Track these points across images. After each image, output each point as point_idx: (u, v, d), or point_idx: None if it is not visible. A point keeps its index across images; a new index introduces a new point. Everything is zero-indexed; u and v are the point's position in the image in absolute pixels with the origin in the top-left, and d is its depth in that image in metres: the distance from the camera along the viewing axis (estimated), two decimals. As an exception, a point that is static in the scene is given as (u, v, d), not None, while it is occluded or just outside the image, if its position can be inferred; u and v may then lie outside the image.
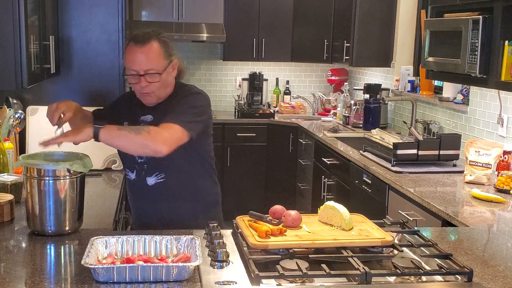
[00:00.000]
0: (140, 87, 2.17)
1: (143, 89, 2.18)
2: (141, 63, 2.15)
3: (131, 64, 2.17)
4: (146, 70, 2.15)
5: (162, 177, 2.25)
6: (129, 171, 2.31)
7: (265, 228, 1.82)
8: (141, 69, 2.15)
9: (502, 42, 2.78)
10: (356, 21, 4.91)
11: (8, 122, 2.89)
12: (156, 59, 2.18)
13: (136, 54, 2.15)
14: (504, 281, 1.69)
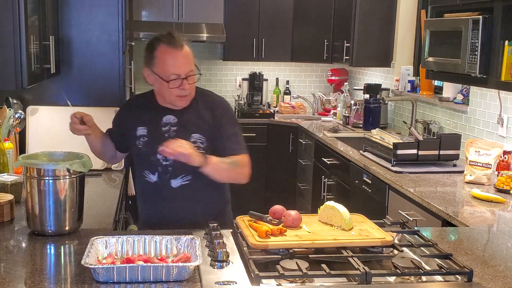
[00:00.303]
0: (182, 90, 2.18)
1: (184, 92, 2.19)
2: (183, 66, 2.17)
3: (173, 68, 2.16)
4: (187, 73, 2.17)
5: (188, 179, 2.24)
6: (149, 174, 2.27)
7: (265, 228, 1.82)
8: (183, 72, 2.16)
9: (502, 42, 2.78)
10: (356, 21, 4.91)
11: (8, 122, 2.89)
12: (192, 60, 2.21)
13: (177, 58, 2.16)
14: (504, 281, 1.69)
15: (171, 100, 2.23)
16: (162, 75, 2.17)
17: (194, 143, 2.22)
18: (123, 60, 3.30)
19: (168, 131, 2.25)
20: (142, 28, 5.38)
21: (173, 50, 2.16)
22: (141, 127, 2.28)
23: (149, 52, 2.21)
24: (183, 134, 2.23)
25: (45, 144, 3.02)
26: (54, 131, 3.12)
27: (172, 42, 2.16)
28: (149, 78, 2.25)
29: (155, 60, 2.18)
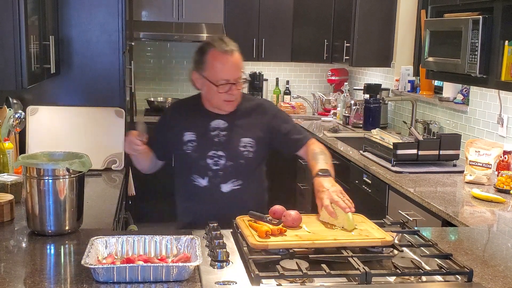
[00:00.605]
0: (230, 95, 2.20)
1: (231, 97, 2.21)
2: (233, 71, 2.19)
3: (223, 74, 2.18)
4: (236, 78, 2.19)
5: (238, 184, 2.26)
6: (198, 178, 2.28)
7: (265, 228, 1.82)
8: (232, 77, 2.18)
9: (502, 42, 2.78)
10: (356, 21, 4.91)
11: (8, 122, 2.89)
12: (242, 66, 2.23)
13: (227, 63, 2.18)
14: (504, 281, 1.69)
15: (219, 104, 2.24)
16: (211, 79, 2.19)
17: (243, 147, 2.27)
18: (123, 60, 3.30)
19: (217, 135, 2.27)
20: (142, 28, 5.39)
21: (223, 55, 2.17)
22: (188, 132, 2.29)
23: (199, 56, 2.23)
24: (233, 138, 2.26)
25: (45, 144, 3.03)
26: (54, 131, 3.12)
27: (223, 47, 2.18)
28: (197, 81, 2.26)
29: (205, 64, 2.20)
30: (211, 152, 2.26)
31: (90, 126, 3.16)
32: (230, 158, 2.27)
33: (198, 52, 2.25)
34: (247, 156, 2.28)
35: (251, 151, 2.27)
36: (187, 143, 2.28)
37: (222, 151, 2.26)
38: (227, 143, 2.27)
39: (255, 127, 2.30)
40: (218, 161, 2.25)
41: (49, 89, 3.22)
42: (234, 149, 2.27)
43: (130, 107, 4.37)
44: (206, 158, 2.25)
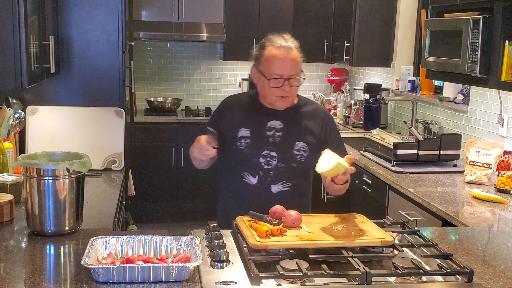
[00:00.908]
0: (282, 91, 2.20)
1: (284, 93, 2.21)
2: (287, 67, 2.19)
3: (277, 68, 2.18)
4: (290, 75, 2.19)
5: (288, 186, 2.25)
6: (249, 176, 2.26)
7: (265, 228, 1.82)
8: (286, 74, 2.18)
9: (503, 42, 2.78)
10: (356, 21, 4.91)
11: (8, 122, 2.89)
12: (298, 65, 2.24)
13: (283, 59, 2.18)
14: (504, 281, 1.68)
15: (272, 100, 2.25)
16: (264, 73, 2.20)
17: (297, 151, 2.26)
18: (123, 60, 3.30)
19: (272, 136, 2.26)
20: (142, 28, 5.39)
21: (280, 51, 2.18)
22: (244, 128, 2.28)
23: (258, 51, 2.25)
24: (287, 141, 2.26)
25: (45, 144, 3.02)
26: (54, 131, 3.12)
27: (280, 43, 2.19)
28: (254, 76, 2.28)
29: (262, 58, 2.22)
30: (264, 152, 2.25)
31: (90, 126, 3.16)
32: (282, 160, 2.25)
33: (258, 47, 2.26)
34: (299, 160, 2.27)
35: (304, 155, 2.27)
36: (241, 139, 2.26)
37: (275, 152, 2.25)
38: (281, 145, 2.26)
39: (310, 132, 2.30)
40: (270, 161, 2.24)
41: (49, 89, 3.22)
42: (287, 152, 2.26)
43: (130, 107, 4.37)
44: (259, 157, 2.24)
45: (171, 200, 5.50)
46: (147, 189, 5.35)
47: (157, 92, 6.02)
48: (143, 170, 5.25)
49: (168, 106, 5.77)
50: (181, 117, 5.54)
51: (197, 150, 2.15)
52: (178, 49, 6.02)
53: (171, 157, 5.42)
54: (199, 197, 5.53)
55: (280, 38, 2.21)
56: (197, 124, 5.47)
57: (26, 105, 3.14)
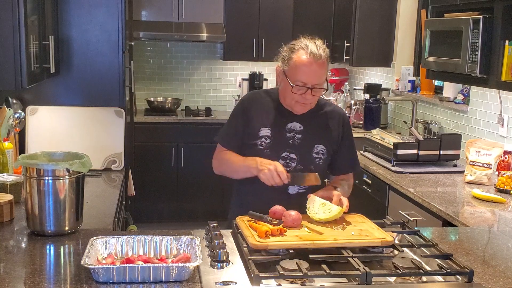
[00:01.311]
0: (303, 98, 2.17)
1: (304, 100, 2.18)
2: (313, 77, 2.15)
3: (303, 76, 2.14)
4: (314, 84, 2.15)
5: (304, 188, 2.24)
6: None
7: (265, 228, 1.82)
8: (310, 82, 2.15)
9: (503, 42, 2.78)
10: (356, 21, 4.91)
11: (8, 122, 2.89)
12: (324, 75, 2.20)
13: (311, 68, 2.14)
14: (504, 281, 1.68)
15: (291, 104, 2.22)
16: (289, 78, 2.16)
17: (316, 153, 2.26)
18: (123, 60, 3.29)
19: (292, 137, 2.25)
20: (142, 28, 5.39)
21: (310, 59, 2.14)
22: (265, 127, 2.26)
23: (288, 52, 2.20)
24: (307, 143, 2.25)
25: (45, 144, 3.02)
26: (54, 131, 3.12)
27: (313, 50, 2.14)
28: (278, 75, 2.25)
29: (290, 61, 2.17)
30: (284, 153, 2.24)
31: (90, 126, 3.16)
32: (301, 163, 2.24)
33: (288, 47, 2.21)
34: (317, 163, 2.27)
35: (322, 158, 2.27)
36: (261, 138, 2.25)
37: (294, 154, 2.24)
38: (301, 147, 2.25)
39: (329, 135, 2.29)
40: (290, 163, 2.23)
41: (49, 89, 3.21)
42: (307, 154, 2.26)
43: (130, 107, 4.37)
44: (279, 158, 2.22)
45: (171, 200, 5.50)
46: (147, 189, 5.35)
47: (157, 92, 6.02)
48: (143, 170, 5.25)
49: (168, 106, 5.77)
50: (181, 117, 5.54)
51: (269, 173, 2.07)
52: (178, 49, 6.02)
53: (171, 157, 5.42)
54: (199, 197, 5.53)
55: (312, 44, 2.16)
56: (197, 124, 5.48)
57: (26, 105, 3.14)
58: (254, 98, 2.36)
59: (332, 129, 2.31)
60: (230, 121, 2.36)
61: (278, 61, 2.25)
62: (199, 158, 5.46)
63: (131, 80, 3.94)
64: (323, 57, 2.15)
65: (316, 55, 2.13)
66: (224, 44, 5.69)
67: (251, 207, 2.12)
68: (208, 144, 5.49)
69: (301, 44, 2.18)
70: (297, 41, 2.22)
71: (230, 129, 2.34)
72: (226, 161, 2.30)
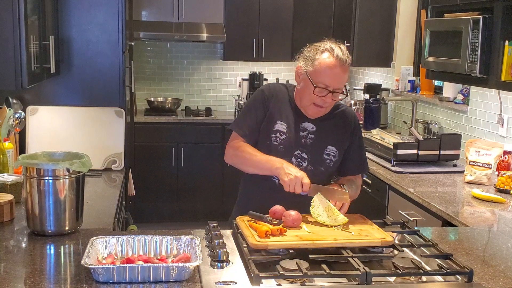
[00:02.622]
0: (323, 101, 2.16)
1: (324, 104, 2.17)
2: (336, 80, 2.14)
3: (326, 79, 2.13)
4: (335, 88, 2.15)
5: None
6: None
7: (265, 228, 1.82)
8: (333, 86, 2.14)
9: (502, 42, 2.78)
10: (356, 21, 4.91)
11: (8, 122, 2.89)
12: (346, 80, 2.19)
13: (335, 71, 2.12)
14: (504, 281, 1.69)
15: (307, 105, 2.20)
16: (313, 79, 2.14)
17: (327, 155, 2.25)
18: (123, 60, 3.30)
19: (305, 137, 2.24)
20: (142, 28, 5.39)
21: (336, 63, 2.12)
22: (281, 121, 2.24)
23: (312, 53, 2.18)
24: (319, 144, 2.24)
25: (45, 144, 3.03)
26: (54, 131, 3.12)
27: (339, 55, 2.13)
28: (298, 75, 2.22)
29: (315, 62, 2.15)
30: (297, 152, 2.23)
31: (90, 126, 3.16)
32: (312, 163, 2.24)
33: (312, 48, 2.19)
34: (328, 165, 2.26)
35: (333, 160, 2.26)
36: (276, 133, 2.23)
37: (306, 154, 2.23)
38: (313, 148, 2.24)
39: (340, 136, 2.28)
40: (301, 163, 2.22)
41: (49, 89, 3.22)
42: (318, 155, 2.25)
43: (130, 107, 4.38)
44: (292, 156, 2.21)
45: (171, 200, 5.50)
46: (147, 189, 5.35)
47: (157, 92, 6.02)
48: (143, 170, 5.25)
49: (168, 106, 5.78)
50: (181, 117, 5.54)
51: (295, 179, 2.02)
52: (178, 49, 6.02)
53: (171, 157, 5.42)
54: (199, 197, 5.53)
55: (338, 49, 2.15)
56: (197, 124, 5.48)
57: (26, 105, 3.14)
58: (274, 90, 2.32)
59: (343, 131, 2.29)
60: (248, 110, 2.30)
61: (299, 60, 2.22)
62: (199, 158, 5.46)
63: (131, 80, 3.94)
64: (347, 62, 2.15)
65: (341, 59, 2.12)
66: (224, 44, 5.69)
67: (258, 202, 2.12)
68: (208, 144, 5.51)
69: (327, 46, 2.16)
70: (322, 42, 2.19)
71: (249, 119, 2.27)
72: (246, 153, 2.20)
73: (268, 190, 2.22)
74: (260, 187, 2.26)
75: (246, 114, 2.29)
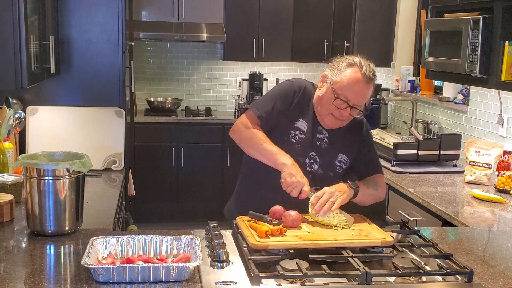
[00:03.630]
0: (341, 114, 2.15)
1: (341, 117, 2.16)
2: (358, 96, 2.13)
3: (350, 93, 2.12)
4: (355, 104, 2.14)
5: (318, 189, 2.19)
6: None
7: (265, 228, 1.82)
8: (353, 101, 2.13)
9: (502, 42, 2.78)
10: (356, 21, 4.91)
11: (8, 122, 2.89)
12: (368, 98, 2.18)
13: (360, 87, 2.12)
14: (504, 281, 1.69)
15: (323, 114, 2.19)
16: (336, 89, 2.13)
17: (339, 162, 2.26)
18: (123, 60, 3.30)
19: (321, 140, 2.24)
20: (142, 28, 5.39)
21: (362, 78, 2.11)
22: (303, 120, 2.23)
23: (342, 65, 2.17)
24: (332, 150, 2.25)
25: (45, 144, 3.03)
26: (54, 131, 3.12)
27: (367, 73, 2.12)
28: (323, 82, 2.21)
29: (342, 74, 2.14)
30: (311, 153, 2.23)
31: (90, 126, 3.16)
32: (323, 167, 2.24)
33: (343, 61, 2.18)
34: (337, 171, 2.27)
35: (343, 167, 2.27)
36: (296, 130, 2.22)
37: (319, 157, 2.23)
38: (326, 153, 2.24)
39: (352, 144, 2.28)
40: (313, 164, 2.22)
41: (49, 89, 3.22)
42: (330, 161, 2.25)
43: (130, 107, 4.37)
44: (307, 157, 2.21)
45: (171, 200, 5.50)
46: (147, 189, 5.35)
47: (157, 92, 6.02)
48: (143, 170, 5.25)
49: (168, 106, 5.78)
50: (181, 117, 5.54)
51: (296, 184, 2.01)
52: (178, 49, 6.02)
53: (171, 157, 5.42)
54: (199, 197, 5.53)
55: (367, 66, 2.14)
56: (197, 124, 5.48)
57: (26, 105, 3.14)
58: (303, 85, 2.29)
59: (354, 139, 2.29)
60: (271, 97, 2.26)
61: (327, 68, 2.22)
62: (199, 158, 5.46)
63: (131, 80, 3.94)
64: (373, 81, 2.15)
65: (368, 76, 2.12)
66: (224, 44, 5.69)
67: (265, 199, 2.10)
68: (208, 144, 5.51)
69: (356, 60, 2.15)
70: (352, 56, 2.19)
71: (269, 104, 2.22)
72: (256, 135, 2.15)
73: (268, 190, 2.21)
74: (260, 185, 2.26)
75: (268, 99, 2.25)
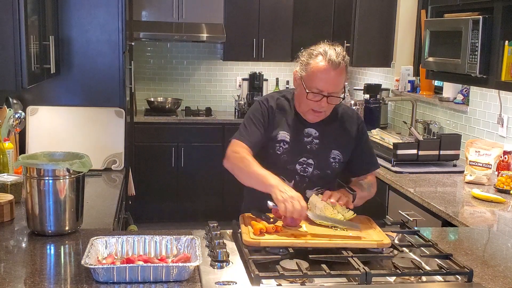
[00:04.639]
0: (319, 106, 2.13)
1: (320, 108, 2.14)
2: (330, 84, 2.10)
3: (319, 83, 2.09)
4: (330, 93, 2.11)
5: (321, 191, 2.20)
6: (285, 180, 2.16)
7: (260, 226, 1.82)
8: (327, 90, 2.10)
9: (502, 42, 2.78)
10: (356, 21, 4.91)
11: (8, 122, 2.89)
12: (341, 83, 2.14)
13: (328, 75, 2.08)
14: (504, 281, 1.69)
15: (304, 111, 2.19)
16: (306, 84, 2.12)
17: (333, 159, 2.25)
18: (123, 60, 3.30)
19: (310, 143, 2.23)
20: (142, 28, 5.39)
21: (328, 66, 2.08)
22: (283, 131, 2.23)
23: (306, 57, 2.15)
24: (324, 149, 2.24)
25: (45, 144, 3.03)
26: (54, 131, 3.12)
27: (332, 58, 2.08)
28: (295, 80, 2.21)
29: (308, 67, 2.12)
30: (301, 159, 2.22)
31: (90, 126, 3.16)
32: (318, 168, 2.24)
33: (307, 52, 2.16)
34: (334, 168, 2.26)
35: (338, 163, 2.26)
36: (280, 142, 2.22)
37: (312, 159, 2.23)
38: (318, 153, 2.23)
39: (344, 139, 2.27)
40: (307, 168, 2.22)
41: (49, 89, 3.22)
42: (324, 160, 2.24)
43: (130, 107, 4.38)
44: (296, 163, 2.22)
45: (171, 200, 5.50)
46: (147, 189, 5.35)
47: (157, 92, 6.02)
48: (143, 170, 5.25)
49: (168, 106, 5.78)
50: (181, 117, 5.54)
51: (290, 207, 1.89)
52: (178, 49, 6.02)
53: (171, 157, 5.42)
54: (199, 197, 5.53)
55: (332, 51, 2.10)
56: (197, 124, 5.48)
57: (26, 105, 3.14)
58: (272, 101, 2.29)
59: (347, 134, 2.29)
60: (250, 122, 2.25)
61: (296, 65, 2.21)
62: (199, 158, 5.46)
63: (131, 80, 3.94)
64: (341, 65, 2.09)
65: (334, 62, 2.08)
66: (224, 44, 5.69)
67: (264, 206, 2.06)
68: (208, 144, 5.51)
69: (320, 49, 2.12)
70: (316, 46, 2.16)
71: (252, 132, 2.22)
72: (245, 160, 2.11)
73: None
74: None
75: (248, 126, 2.25)
